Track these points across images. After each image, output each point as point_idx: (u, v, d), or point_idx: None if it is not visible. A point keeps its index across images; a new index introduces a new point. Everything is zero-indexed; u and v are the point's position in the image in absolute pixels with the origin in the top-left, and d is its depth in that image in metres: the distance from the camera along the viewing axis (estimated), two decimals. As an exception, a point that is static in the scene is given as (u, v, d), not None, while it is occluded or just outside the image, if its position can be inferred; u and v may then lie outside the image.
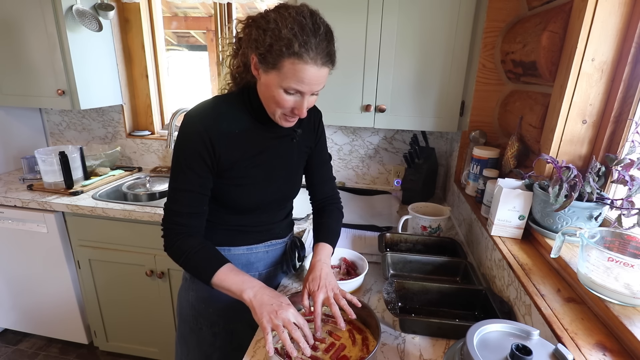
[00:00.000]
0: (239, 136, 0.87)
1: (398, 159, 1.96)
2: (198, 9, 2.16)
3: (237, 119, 0.87)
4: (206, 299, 1.01)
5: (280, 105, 0.81)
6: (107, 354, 1.97)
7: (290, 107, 0.81)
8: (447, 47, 1.42)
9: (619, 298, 0.66)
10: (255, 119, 0.89)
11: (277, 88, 0.78)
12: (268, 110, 0.85)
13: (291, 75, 0.75)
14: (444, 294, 0.97)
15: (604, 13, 0.84)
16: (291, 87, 0.77)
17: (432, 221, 1.29)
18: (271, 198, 0.97)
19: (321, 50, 0.74)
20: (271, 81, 0.78)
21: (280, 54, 0.73)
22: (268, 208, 0.99)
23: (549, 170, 0.99)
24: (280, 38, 0.72)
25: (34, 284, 1.85)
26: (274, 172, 0.95)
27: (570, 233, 0.76)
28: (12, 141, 2.09)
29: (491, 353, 0.59)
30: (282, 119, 0.85)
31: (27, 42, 1.74)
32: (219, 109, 0.87)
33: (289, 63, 0.73)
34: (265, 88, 0.80)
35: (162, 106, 2.24)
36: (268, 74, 0.77)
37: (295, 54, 0.72)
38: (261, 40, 0.74)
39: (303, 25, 0.72)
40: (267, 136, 0.91)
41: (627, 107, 0.87)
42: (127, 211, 1.58)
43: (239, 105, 0.88)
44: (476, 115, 1.45)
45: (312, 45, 0.72)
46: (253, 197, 0.93)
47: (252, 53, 0.78)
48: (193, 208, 0.87)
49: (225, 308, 1.01)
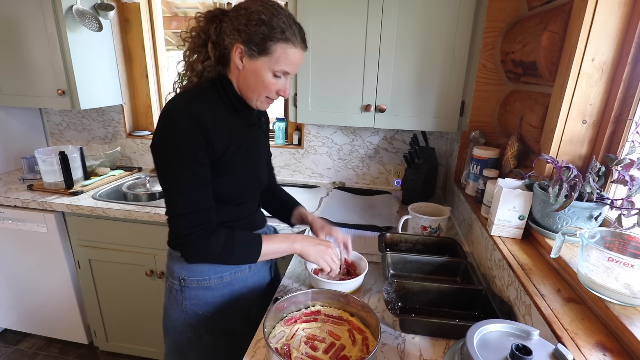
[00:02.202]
0: (223, 126, 0.87)
1: (398, 159, 1.96)
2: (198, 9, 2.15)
3: (217, 110, 0.87)
4: (201, 304, 0.98)
5: (267, 89, 0.86)
6: (107, 354, 1.97)
7: (276, 89, 0.88)
8: (447, 47, 1.42)
9: (619, 298, 0.66)
10: (230, 109, 0.91)
11: (267, 72, 0.84)
12: (251, 97, 0.89)
13: (282, 58, 0.83)
14: (444, 294, 0.97)
15: (604, 13, 0.84)
16: (280, 69, 0.84)
17: (432, 221, 1.29)
18: (252, 187, 1.00)
19: (301, 35, 0.85)
20: (261, 66, 0.83)
21: (274, 40, 0.81)
22: (248, 198, 1.01)
23: (549, 170, 0.99)
24: (273, 27, 0.80)
25: (34, 284, 1.85)
26: (252, 161, 0.98)
27: (570, 233, 0.76)
28: (12, 141, 2.09)
29: (491, 353, 0.59)
30: (264, 102, 0.91)
31: (27, 42, 1.74)
32: (199, 101, 0.84)
33: (281, 48, 0.82)
34: (252, 74, 0.84)
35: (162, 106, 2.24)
36: (257, 60, 0.83)
37: (287, 39, 0.82)
38: (249, 30, 0.80)
39: (287, 15, 0.83)
40: (242, 125, 0.94)
41: (627, 107, 0.87)
42: (127, 211, 1.58)
43: (213, 97, 0.88)
44: (476, 115, 1.45)
45: (296, 32, 0.84)
46: (237, 186, 0.94)
47: (237, 43, 0.82)
48: (210, 201, 0.87)
49: (223, 309, 1.00)
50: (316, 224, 1.10)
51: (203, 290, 0.97)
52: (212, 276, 0.97)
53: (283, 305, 0.87)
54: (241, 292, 1.03)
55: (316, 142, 2.01)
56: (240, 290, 1.03)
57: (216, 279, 0.98)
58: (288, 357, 0.75)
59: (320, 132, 1.99)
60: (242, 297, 1.03)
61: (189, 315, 0.99)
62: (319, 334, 0.82)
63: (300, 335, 0.82)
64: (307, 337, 0.81)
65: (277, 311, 0.86)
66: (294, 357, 0.75)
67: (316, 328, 0.85)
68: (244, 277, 1.03)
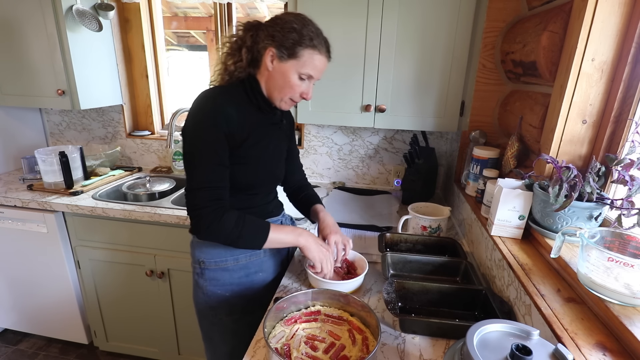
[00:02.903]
0: (244, 118, 0.96)
1: (398, 159, 1.96)
2: (198, 9, 2.16)
3: (242, 104, 0.97)
4: (219, 285, 1.06)
5: (292, 90, 0.96)
6: (107, 354, 1.97)
7: (300, 91, 0.98)
8: (447, 47, 1.42)
9: (619, 298, 0.66)
10: (254, 106, 1.00)
11: (293, 74, 0.94)
12: (276, 96, 0.98)
13: (309, 62, 0.94)
14: (444, 294, 0.97)
15: (604, 13, 0.84)
16: (306, 73, 0.94)
17: (432, 221, 1.29)
18: (265, 179, 1.08)
19: (327, 46, 0.98)
20: (289, 68, 0.94)
21: (303, 46, 0.92)
22: (262, 189, 1.09)
23: (549, 170, 0.99)
24: (303, 35, 0.92)
25: (34, 284, 1.85)
26: (269, 156, 1.06)
27: (570, 233, 0.76)
28: (12, 141, 2.09)
29: (491, 353, 0.59)
30: (287, 104, 1.01)
31: (27, 42, 1.74)
32: (227, 94, 0.96)
33: (308, 53, 0.93)
34: (280, 75, 0.95)
35: (162, 106, 2.24)
36: (286, 63, 0.93)
37: (314, 46, 0.93)
38: (282, 36, 0.92)
39: (317, 28, 0.96)
40: (263, 122, 1.03)
41: (627, 107, 0.87)
42: (127, 211, 1.58)
43: (241, 94, 0.99)
44: (476, 115, 1.45)
45: (322, 42, 0.96)
46: (251, 177, 1.01)
47: (270, 47, 0.93)
48: (225, 181, 0.94)
49: (240, 289, 1.08)
50: (321, 224, 1.16)
51: (221, 272, 1.06)
52: (229, 258, 1.05)
53: (283, 305, 0.87)
54: (257, 274, 1.10)
55: (316, 142, 2.01)
56: (257, 274, 1.10)
57: (232, 260, 1.05)
58: (288, 357, 0.75)
59: (320, 132, 1.99)
60: (258, 280, 1.11)
61: (210, 296, 1.07)
62: (319, 334, 0.82)
63: (300, 335, 0.82)
64: (307, 337, 0.81)
65: (277, 311, 0.86)
66: (294, 357, 0.75)
67: (316, 328, 0.85)
68: (259, 260, 1.10)
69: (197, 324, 1.16)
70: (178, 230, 1.59)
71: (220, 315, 1.09)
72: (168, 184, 1.95)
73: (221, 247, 1.02)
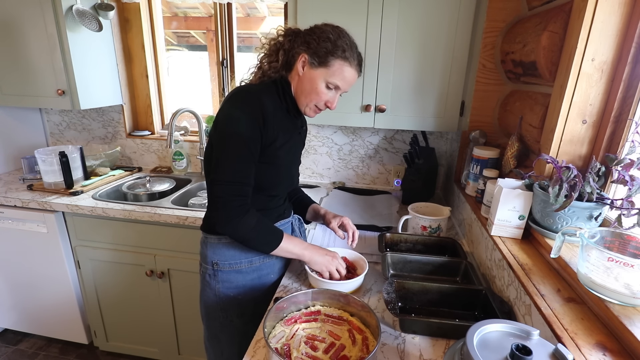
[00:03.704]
0: (277, 120, 0.97)
1: (398, 159, 1.96)
2: (198, 9, 2.16)
3: (276, 106, 0.99)
4: (233, 287, 1.07)
5: (318, 97, 0.98)
6: (107, 354, 1.97)
7: (325, 100, 0.99)
8: (447, 47, 1.42)
9: (619, 298, 0.66)
10: (284, 108, 1.02)
11: (321, 82, 0.96)
12: (302, 101, 1.00)
13: (338, 73, 0.95)
14: (444, 294, 0.97)
15: (604, 13, 0.84)
16: (333, 82, 0.96)
17: (432, 221, 1.29)
18: (285, 182, 1.09)
19: (359, 60, 1.00)
20: (318, 75, 0.96)
21: (334, 56, 0.94)
22: (280, 190, 1.10)
23: (549, 170, 0.99)
24: (336, 45, 0.94)
25: (34, 284, 1.85)
26: (292, 158, 1.09)
27: (570, 233, 0.76)
28: (12, 141, 2.09)
29: (491, 353, 0.59)
30: (312, 110, 1.02)
31: (27, 42, 1.74)
32: (264, 92, 0.97)
33: (338, 64, 0.95)
34: (309, 81, 0.97)
35: (162, 106, 2.24)
36: (316, 70, 0.95)
37: (345, 57, 0.95)
38: (317, 44, 0.94)
39: (352, 41, 0.98)
40: (290, 125, 1.05)
41: (627, 107, 0.87)
42: (127, 211, 1.58)
43: (274, 93, 1.00)
44: (476, 115, 1.45)
45: (355, 55, 0.98)
46: (273, 178, 1.03)
47: (303, 52, 0.95)
48: (252, 179, 0.95)
49: (252, 292, 1.09)
50: (328, 215, 1.22)
51: (235, 274, 1.06)
52: (243, 260, 1.06)
53: (283, 305, 0.87)
54: (269, 277, 1.11)
55: (316, 142, 2.01)
56: (268, 275, 1.11)
57: (246, 262, 1.06)
58: (288, 357, 0.75)
59: (320, 132, 1.99)
60: (270, 283, 1.11)
61: (221, 298, 1.08)
62: (319, 334, 0.82)
63: (300, 335, 0.82)
64: (307, 337, 0.81)
65: (277, 311, 0.86)
66: (294, 357, 0.75)
67: (316, 328, 0.85)
68: (272, 262, 1.11)
69: (198, 323, 1.15)
70: (178, 230, 1.59)
71: (231, 317, 1.09)
72: (168, 184, 1.95)
73: (236, 248, 1.04)
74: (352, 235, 1.16)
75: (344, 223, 1.17)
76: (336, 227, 1.17)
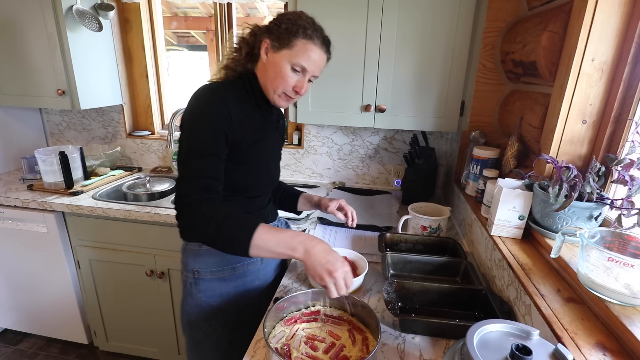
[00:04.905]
0: (246, 116, 0.93)
1: (398, 159, 1.96)
2: (198, 9, 2.16)
3: (243, 101, 0.94)
4: (216, 296, 1.03)
5: (285, 81, 0.92)
6: (107, 354, 1.97)
7: (293, 84, 0.93)
8: (447, 47, 1.42)
9: (619, 298, 0.66)
10: (253, 104, 0.97)
11: (286, 64, 0.90)
12: (269, 89, 0.95)
13: (302, 52, 0.90)
14: (444, 294, 0.97)
15: (604, 13, 0.84)
16: (298, 64, 0.90)
17: (432, 221, 1.29)
18: (264, 181, 1.05)
19: (324, 41, 0.94)
20: (281, 58, 0.90)
21: (296, 34, 0.89)
22: (260, 192, 1.05)
23: (549, 170, 0.99)
24: (297, 24, 0.89)
25: (34, 284, 1.85)
26: (267, 157, 1.03)
27: (570, 233, 0.76)
28: (12, 141, 2.09)
29: (491, 353, 0.59)
30: (282, 98, 0.96)
31: (27, 42, 1.74)
32: (228, 89, 0.93)
33: (302, 43, 0.89)
34: (273, 66, 0.92)
35: (162, 106, 2.24)
36: (279, 52, 0.90)
37: (308, 36, 0.89)
38: (277, 27, 0.90)
39: (313, 21, 0.93)
40: (262, 121, 1.00)
41: (627, 107, 0.87)
42: (127, 211, 1.58)
43: (240, 90, 0.95)
44: (476, 115, 1.45)
45: (319, 35, 0.92)
46: (250, 177, 0.98)
47: (265, 38, 0.92)
48: (219, 174, 0.87)
49: (236, 300, 1.04)
50: (324, 200, 1.18)
51: (217, 282, 1.02)
52: (226, 267, 1.01)
53: (283, 305, 0.87)
54: (253, 283, 1.07)
55: (316, 142, 2.01)
56: (253, 282, 1.07)
57: (229, 269, 1.02)
58: (288, 357, 0.75)
59: (320, 132, 1.99)
60: (254, 289, 1.08)
61: (204, 308, 1.03)
62: (319, 334, 0.82)
63: (300, 335, 0.82)
64: (307, 337, 0.81)
65: (277, 311, 0.86)
66: (294, 357, 0.75)
67: (316, 328, 0.85)
68: (256, 269, 1.07)
69: None
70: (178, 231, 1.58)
71: (215, 326, 1.05)
72: (168, 184, 1.95)
73: (218, 255, 0.98)
74: (352, 215, 1.15)
75: (341, 205, 1.16)
76: (335, 210, 1.15)
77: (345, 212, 1.16)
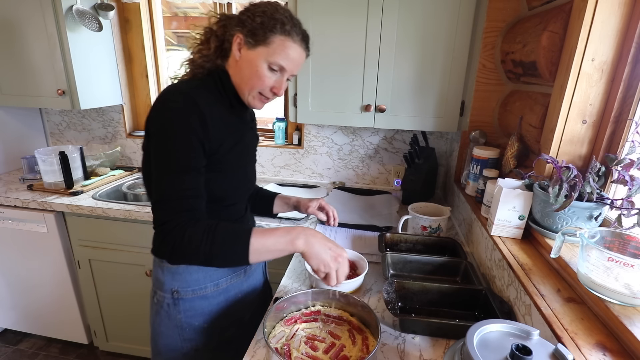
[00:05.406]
0: (219, 118, 0.83)
1: (398, 159, 1.96)
2: (198, 9, 2.16)
3: (215, 101, 0.84)
4: (198, 315, 0.93)
5: (261, 81, 0.83)
6: (107, 354, 1.97)
7: (271, 84, 0.85)
8: (447, 47, 1.42)
9: (619, 298, 0.66)
10: (226, 104, 0.87)
11: (263, 62, 0.82)
12: (244, 89, 0.86)
13: (280, 50, 0.81)
14: (444, 294, 0.97)
15: (604, 13, 0.84)
16: (276, 63, 0.82)
17: (432, 221, 1.29)
18: (242, 187, 0.98)
19: (303, 37, 0.85)
20: (257, 56, 0.82)
21: (273, 30, 0.80)
22: (238, 199, 0.97)
23: (549, 170, 0.99)
24: (274, 18, 0.80)
25: (34, 284, 1.85)
26: (244, 161, 0.95)
27: (570, 233, 0.76)
28: (12, 141, 2.09)
29: (491, 353, 0.59)
30: (257, 99, 0.87)
31: (27, 42, 1.74)
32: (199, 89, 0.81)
33: (280, 40, 0.81)
34: (248, 64, 0.83)
35: (162, 106, 2.24)
36: (254, 50, 0.82)
37: (287, 32, 0.81)
38: (251, 20, 0.81)
39: (290, 15, 0.83)
40: (237, 123, 0.91)
41: (627, 107, 0.87)
42: (127, 211, 1.58)
43: (212, 89, 0.85)
44: (476, 115, 1.45)
45: (299, 31, 0.83)
46: (228, 185, 0.89)
47: (237, 33, 0.82)
48: (199, 190, 0.79)
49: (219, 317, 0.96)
50: (303, 201, 1.13)
51: (199, 300, 0.92)
52: (208, 284, 0.92)
53: (283, 305, 0.87)
54: (236, 297, 1.00)
55: (316, 142, 2.01)
56: (236, 296, 1.00)
57: (212, 286, 0.93)
58: (288, 357, 0.75)
59: (320, 132, 1.99)
60: (237, 303, 1.00)
61: (185, 329, 0.93)
62: (319, 334, 0.82)
63: (300, 335, 0.82)
64: (307, 337, 0.81)
65: (277, 311, 0.86)
66: (294, 357, 0.75)
67: (316, 328, 0.85)
68: (239, 282, 1.00)
69: None
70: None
71: (197, 346, 0.95)
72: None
73: (199, 272, 0.90)
74: (333, 214, 1.11)
75: (321, 205, 1.11)
76: (316, 210, 1.11)
77: (327, 211, 1.12)
